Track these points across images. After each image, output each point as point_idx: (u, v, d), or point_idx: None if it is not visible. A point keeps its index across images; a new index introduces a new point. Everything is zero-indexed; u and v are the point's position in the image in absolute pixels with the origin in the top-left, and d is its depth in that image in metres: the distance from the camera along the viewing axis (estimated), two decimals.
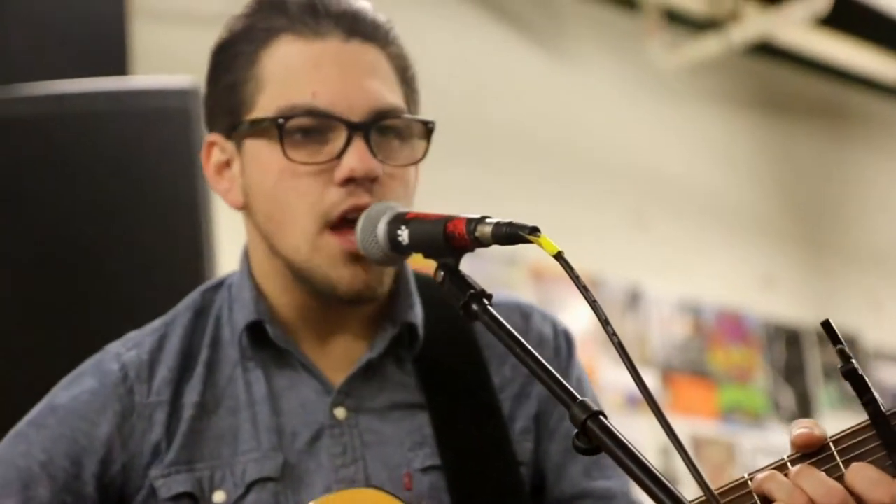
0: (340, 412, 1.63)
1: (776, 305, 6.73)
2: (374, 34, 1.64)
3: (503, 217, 1.39)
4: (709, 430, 6.20)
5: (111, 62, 2.64)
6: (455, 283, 1.40)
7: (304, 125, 1.59)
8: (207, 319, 1.70)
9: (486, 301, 1.38)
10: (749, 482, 1.36)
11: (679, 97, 6.62)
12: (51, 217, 2.42)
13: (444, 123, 1.67)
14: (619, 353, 1.25)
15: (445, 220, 1.43)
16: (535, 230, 1.34)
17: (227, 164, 1.67)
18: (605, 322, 1.26)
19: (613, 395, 5.63)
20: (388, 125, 1.62)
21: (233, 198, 1.68)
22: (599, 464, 1.70)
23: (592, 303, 1.27)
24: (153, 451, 1.61)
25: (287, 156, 1.59)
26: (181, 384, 1.64)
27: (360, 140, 1.58)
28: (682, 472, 4.24)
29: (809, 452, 1.37)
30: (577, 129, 6.11)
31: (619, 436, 1.24)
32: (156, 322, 1.72)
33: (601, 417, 1.25)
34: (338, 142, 1.59)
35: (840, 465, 1.36)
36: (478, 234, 1.39)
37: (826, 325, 1.34)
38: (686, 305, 6.33)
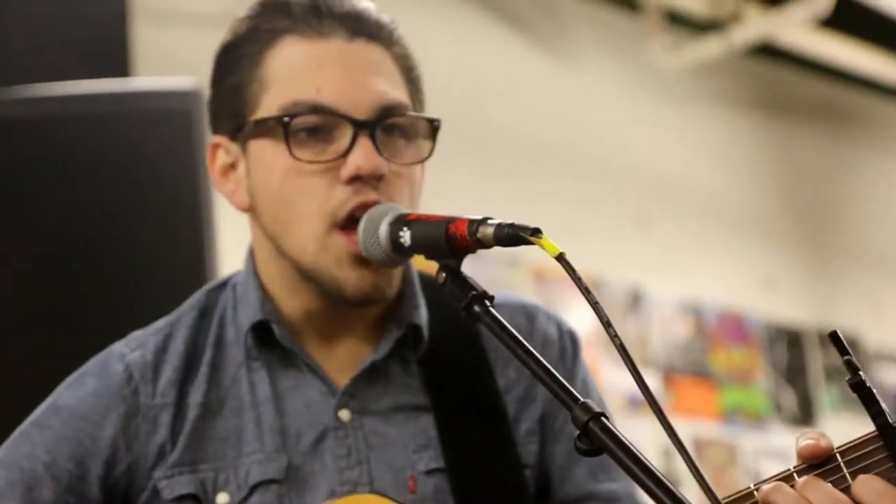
0: (345, 414, 1.63)
1: (777, 306, 6.73)
2: (378, 34, 1.64)
3: (504, 218, 1.39)
4: (710, 432, 6.20)
5: (112, 63, 2.64)
6: (457, 285, 1.40)
7: (309, 124, 1.59)
8: (211, 319, 1.69)
9: (488, 302, 1.37)
10: (755, 493, 1.35)
11: (680, 98, 6.61)
12: (52, 218, 2.42)
13: (445, 124, 1.67)
14: (621, 355, 1.25)
15: (447, 222, 1.43)
16: (537, 231, 1.34)
17: (233, 166, 1.67)
18: (607, 323, 1.26)
19: (615, 397, 5.62)
20: (394, 123, 1.61)
21: (238, 199, 1.67)
22: (605, 466, 1.70)
23: (594, 304, 1.27)
24: (158, 453, 1.60)
25: (293, 154, 1.58)
26: (185, 385, 1.64)
27: (366, 138, 1.58)
28: (684, 474, 4.24)
29: (816, 463, 1.36)
30: (578, 130, 6.10)
31: (621, 437, 1.23)
32: (160, 322, 1.71)
33: (603, 419, 1.24)
34: (343, 140, 1.58)
35: (847, 477, 1.35)
36: (479, 236, 1.39)
37: (833, 336, 1.33)
38: (687, 306, 6.33)
